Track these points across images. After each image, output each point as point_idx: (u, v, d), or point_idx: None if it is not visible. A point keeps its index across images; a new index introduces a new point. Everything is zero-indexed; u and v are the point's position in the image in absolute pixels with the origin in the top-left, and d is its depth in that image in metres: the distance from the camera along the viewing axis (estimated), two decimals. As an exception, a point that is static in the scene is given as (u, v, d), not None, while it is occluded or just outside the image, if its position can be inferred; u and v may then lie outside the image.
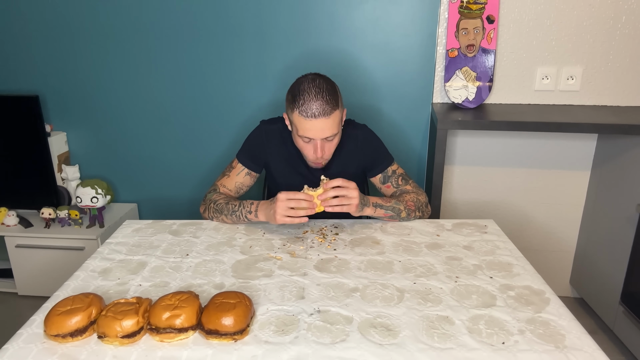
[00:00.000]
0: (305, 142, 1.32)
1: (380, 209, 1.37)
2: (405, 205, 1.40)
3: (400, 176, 1.50)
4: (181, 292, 0.94)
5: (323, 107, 1.24)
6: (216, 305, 0.90)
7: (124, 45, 2.13)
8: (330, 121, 1.26)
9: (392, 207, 1.38)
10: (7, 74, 2.23)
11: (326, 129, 1.27)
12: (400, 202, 1.40)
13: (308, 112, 1.24)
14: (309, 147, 1.33)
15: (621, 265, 1.85)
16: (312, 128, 1.26)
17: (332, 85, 1.30)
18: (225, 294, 0.94)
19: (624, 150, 1.87)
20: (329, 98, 1.25)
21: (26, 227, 2.18)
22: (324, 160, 1.37)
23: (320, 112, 1.24)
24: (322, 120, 1.25)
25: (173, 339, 0.87)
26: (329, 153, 1.35)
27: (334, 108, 1.26)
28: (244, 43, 2.08)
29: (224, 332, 0.87)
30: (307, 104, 1.24)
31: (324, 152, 1.32)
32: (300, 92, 1.26)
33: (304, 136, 1.29)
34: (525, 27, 1.94)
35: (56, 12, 2.10)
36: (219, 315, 0.87)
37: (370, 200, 1.36)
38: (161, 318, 0.87)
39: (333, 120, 1.27)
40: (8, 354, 0.85)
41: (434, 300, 1.01)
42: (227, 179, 1.49)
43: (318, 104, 1.24)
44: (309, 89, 1.25)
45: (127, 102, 2.22)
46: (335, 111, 1.26)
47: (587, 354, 0.84)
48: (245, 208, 1.35)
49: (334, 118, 1.27)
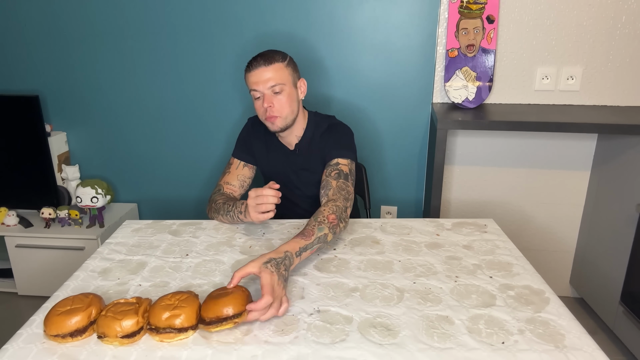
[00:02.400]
0: (256, 100, 1.39)
1: (305, 251, 1.11)
2: (329, 224, 1.18)
3: (338, 171, 1.36)
4: (181, 292, 0.94)
5: (264, 59, 1.35)
6: (213, 297, 0.92)
7: (124, 46, 2.13)
8: (271, 70, 1.35)
9: (317, 238, 1.14)
10: (7, 74, 2.23)
11: (269, 78, 1.35)
12: (322, 225, 1.17)
13: (251, 65, 1.36)
14: (259, 104, 1.39)
15: (621, 265, 1.85)
16: (255, 80, 1.36)
17: (282, 51, 1.41)
18: (222, 288, 0.96)
19: (624, 150, 1.87)
20: (272, 53, 1.37)
21: (26, 227, 2.18)
22: (273, 115, 1.39)
23: (260, 62, 1.35)
24: (262, 69, 1.34)
25: (173, 339, 0.87)
26: (278, 107, 1.38)
27: (275, 59, 1.36)
28: (243, 43, 2.08)
29: (223, 317, 0.88)
30: (251, 61, 1.37)
31: (272, 104, 1.37)
32: None
33: (252, 90, 1.38)
34: (525, 27, 1.94)
35: (56, 13, 2.10)
36: (217, 302, 0.89)
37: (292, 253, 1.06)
38: (161, 318, 0.87)
39: (275, 70, 1.35)
40: (8, 354, 0.85)
41: (433, 300, 1.01)
42: (228, 175, 1.54)
43: (259, 58, 1.36)
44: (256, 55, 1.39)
45: (127, 102, 2.22)
46: (275, 62, 1.36)
47: (587, 353, 0.84)
48: (237, 208, 1.36)
49: (276, 68, 1.35)
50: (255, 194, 1.23)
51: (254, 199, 1.23)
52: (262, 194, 1.22)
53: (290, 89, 1.40)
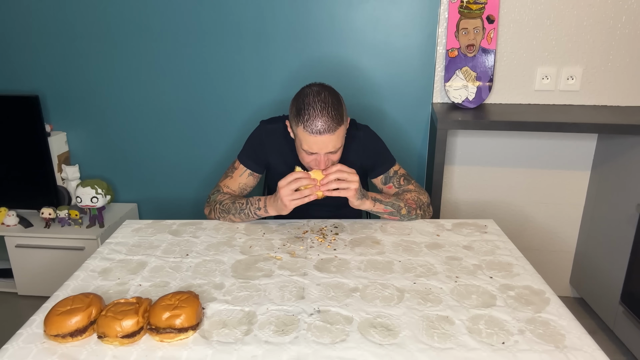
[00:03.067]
0: (308, 155, 1.30)
1: (380, 203, 1.37)
2: (406, 203, 1.40)
3: (402, 177, 1.50)
4: (181, 292, 0.94)
5: (328, 123, 1.21)
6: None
7: (124, 45, 2.13)
8: (335, 137, 1.24)
9: (392, 203, 1.38)
10: (7, 74, 2.23)
11: (330, 144, 1.25)
12: (400, 200, 1.40)
13: (313, 129, 1.21)
14: (311, 159, 1.31)
15: (621, 265, 1.85)
16: (316, 143, 1.24)
17: (337, 99, 1.27)
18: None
19: (624, 150, 1.87)
20: (334, 114, 1.22)
21: (26, 227, 2.18)
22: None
23: (326, 128, 1.21)
24: (327, 136, 1.23)
25: (173, 339, 0.87)
26: (329, 163, 1.32)
27: (339, 124, 1.23)
28: (244, 43, 2.08)
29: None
30: (312, 120, 1.21)
31: (328, 164, 1.30)
32: (305, 107, 1.22)
33: (308, 150, 1.27)
34: (525, 27, 1.94)
35: (56, 12, 2.10)
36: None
37: (370, 195, 1.36)
38: (161, 318, 0.87)
39: (338, 135, 1.25)
40: (8, 354, 0.85)
41: (434, 300, 1.01)
42: (230, 180, 1.48)
43: (323, 121, 1.21)
44: (314, 104, 1.22)
45: (128, 102, 2.22)
46: (340, 127, 1.24)
47: (587, 354, 0.84)
48: (253, 205, 1.36)
49: (338, 133, 1.25)
50: (286, 181, 1.23)
51: (287, 186, 1.23)
52: (297, 177, 1.23)
53: (343, 142, 1.32)
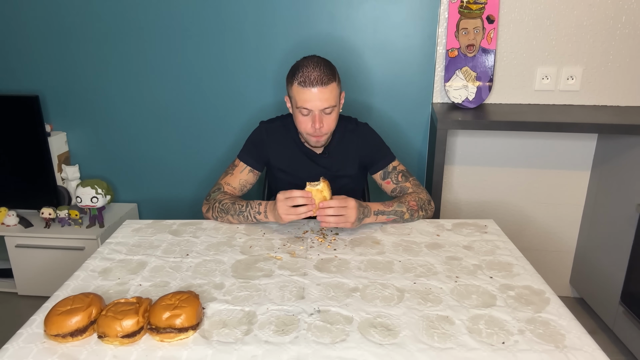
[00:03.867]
0: (304, 116, 1.34)
1: (382, 215, 1.37)
2: (408, 206, 1.40)
3: (401, 173, 1.51)
4: (181, 292, 0.94)
5: (321, 76, 1.28)
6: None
7: (124, 45, 2.13)
8: (328, 91, 1.30)
9: (394, 210, 1.38)
10: (7, 74, 2.23)
11: (324, 99, 1.30)
12: (402, 204, 1.40)
13: (306, 81, 1.28)
14: (307, 120, 1.34)
15: (621, 265, 1.85)
16: (310, 98, 1.30)
17: (330, 62, 1.35)
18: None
19: (624, 150, 1.87)
20: (326, 70, 1.30)
21: (26, 227, 2.18)
22: (322, 134, 1.38)
23: (318, 80, 1.28)
24: (319, 89, 1.28)
25: (173, 338, 0.87)
26: (327, 127, 1.36)
27: (330, 79, 1.30)
28: (243, 43, 2.08)
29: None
30: (306, 73, 1.29)
31: (322, 124, 1.34)
32: (299, 66, 1.32)
33: (302, 107, 1.32)
34: (525, 27, 1.94)
35: (56, 12, 2.10)
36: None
37: (372, 209, 1.35)
38: (161, 318, 0.87)
39: (330, 91, 1.30)
40: (8, 354, 0.85)
41: (434, 300, 1.01)
42: (230, 177, 1.50)
43: (316, 73, 1.28)
44: (308, 62, 1.31)
45: (128, 102, 2.22)
46: (332, 82, 1.31)
47: (587, 354, 0.84)
48: (253, 209, 1.36)
49: (331, 89, 1.30)
50: (284, 196, 1.24)
51: (284, 201, 1.24)
52: (293, 196, 1.23)
53: (338, 107, 1.38)
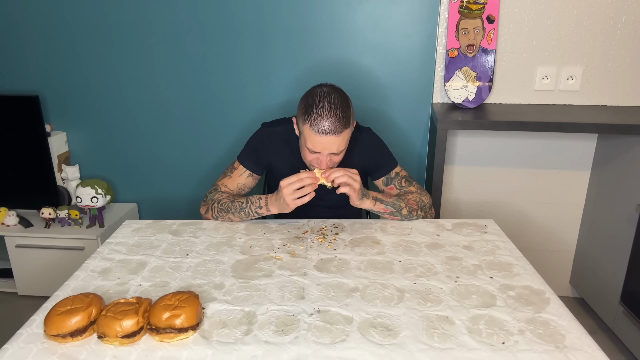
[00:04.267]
0: (311, 153, 1.31)
1: (381, 203, 1.38)
2: (407, 203, 1.41)
3: (404, 178, 1.51)
4: (181, 292, 0.94)
5: (335, 125, 1.22)
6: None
7: (124, 45, 2.13)
8: (340, 139, 1.26)
9: (393, 203, 1.39)
10: (7, 74, 2.23)
11: (334, 145, 1.26)
12: (401, 200, 1.41)
13: (320, 129, 1.23)
14: (313, 157, 1.32)
15: (621, 265, 1.85)
16: (321, 143, 1.25)
17: (346, 101, 1.28)
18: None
19: (624, 150, 1.87)
20: (342, 116, 1.24)
21: (26, 227, 2.18)
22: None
23: (332, 129, 1.23)
24: (332, 137, 1.24)
25: (173, 339, 0.87)
26: (332, 164, 1.34)
27: (345, 126, 1.25)
28: (244, 43, 2.08)
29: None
30: (320, 119, 1.22)
31: (330, 164, 1.32)
32: (314, 106, 1.24)
33: (312, 149, 1.28)
34: (525, 27, 1.94)
35: (57, 12, 2.10)
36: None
37: (370, 194, 1.37)
38: (161, 318, 0.87)
39: (343, 137, 1.26)
40: (8, 354, 0.85)
41: (434, 300, 1.01)
42: (228, 179, 1.48)
43: (331, 122, 1.22)
44: (323, 104, 1.23)
45: (128, 102, 2.22)
46: (346, 129, 1.26)
47: (587, 354, 0.84)
48: (254, 204, 1.36)
49: (344, 136, 1.26)
50: (289, 181, 1.24)
51: (289, 186, 1.24)
52: (301, 177, 1.23)
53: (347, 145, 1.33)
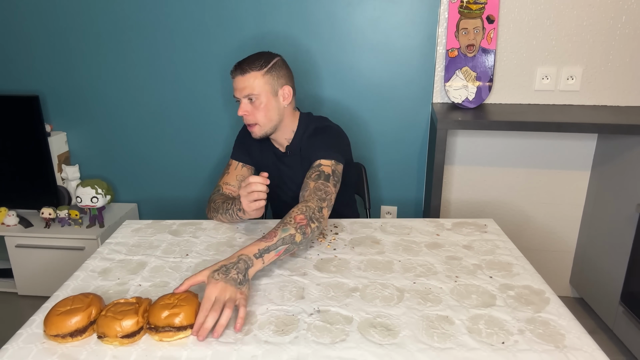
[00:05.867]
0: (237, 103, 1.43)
1: (268, 253, 1.05)
2: (295, 224, 1.12)
3: (319, 172, 1.31)
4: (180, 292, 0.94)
5: (241, 68, 1.36)
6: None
7: (124, 46, 2.13)
8: (246, 79, 1.36)
9: (281, 239, 1.08)
10: (7, 74, 2.23)
11: (243, 87, 1.36)
12: (287, 225, 1.11)
13: (231, 73, 1.40)
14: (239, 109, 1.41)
15: (621, 265, 1.85)
16: (234, 87, 1.39)
17: (268, 55, 1.40)
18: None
19: (624, 150, 1.87)
20: (253, 60, 1.37)
21: (26, 227, 2.18)
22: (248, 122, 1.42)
23: (237, 71, 1.37)
24: (238, 78, 1.37)
25: (172, 337, 0.87)
26: (252, 116, 1.40)
27: (250, 68, 1.36)
28: (243, 43, 2.08)
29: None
30: (234, 66, 1.39)
31: (247, 112, 1.39)
32: None
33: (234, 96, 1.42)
34: (525, 27, 1.94)
35: (56, 13, 2.11)
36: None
37: (250, 255, 1.03)
38: (160, 317, 0.87)
39: (249, 79, 1.36)
40: (8, 354, 0.85)
41: (433, 300, 1.01)
42: (227, 176, 1.55)
43: (238, 65, 1.38)
44: None
45: (128, 102, 2.22)
46: (251, 71, 1.36)
47: (587, 354, 0.84)
48: (235, 206, 1.36)
49: (250, 77, 1.36)
50: (244, 184, 1.25)
51: (244, 188, 1.24)
52: (250, 182, 1.23)
53: (268, 98, 1.39)
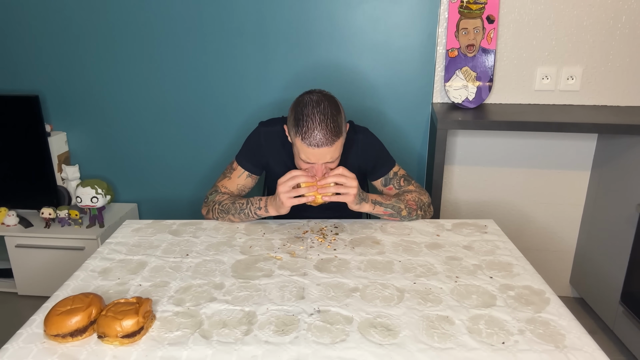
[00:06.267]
0: (305, 163, 1.28)
1: (380, 206, 1.36)
2: (406, 204, 1.40)
3: (402, 177, 1.50)
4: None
5: (327, 137, 1.20)
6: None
7: (124, 45, 2.13)
8: (334, 148, 1.23)
9: (392, 205, 1.38)
10: (7, 74, 2.23)
11: (328, 155, 1.24)
12: (400, 201, 1.40)
13: (311, 142, 1.20)
14: (308, 167, 1.29)
15: (621, 265, 1.85)
16: (314, 155, 1.23)
17: (337, 108, 1.24)
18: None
19: (624, 150, 1.87)
20: (333, 126, 1.20)
21: (26, 227, 2.18)
22: None
23: (324, 142, 1.20)
24: (325, 149, 1.22)
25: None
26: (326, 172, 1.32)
27: (337, 136, 1.22)
28: (243, 43, 2.08)
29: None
30: (311, 132, 1.19)
31: (325, 172, 1.29)
32: (303, 117, 1.21)
33: (305, 160, 1.26)
34: (525, 27, 1.94)
35: (56, 12, 2.10)
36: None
37: (370, 197, 1.36)
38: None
39: (336, 147, 1.24)
40: (8, 354, 0.85)
41: (434, 300, 1.01)
42: (228, 180, 1.48)
43: (322, 134, 1.19)
44: (313, 116, 1.20)
45: (128, 102, 2.22)
46: (338, 139, 1.23)
47: (587, 354, 0.84)
48: (253, 205, 1.36)
49: (337, 145, 1.23)
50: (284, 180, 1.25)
51: (286, 183, 1.24)
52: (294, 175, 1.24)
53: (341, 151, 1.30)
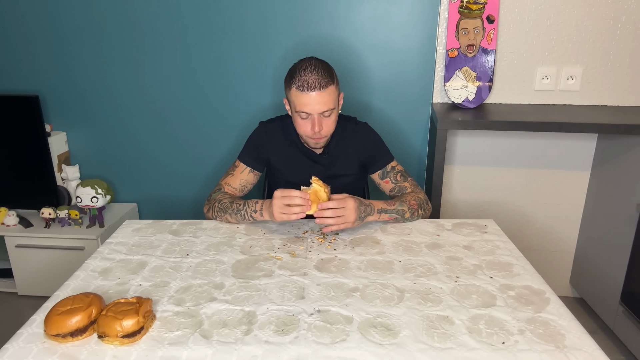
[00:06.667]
0: (303, 119, 1.35)
1: (385, 213, 1.38)
2: (409, 206, 1.41)
3: (399, 173, 1.53)
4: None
5: (319, 80, 1.29)
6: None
7: (124, 46, 2.13)
8: (326, 95, 1.31)
9: (397, 209, 1.39)
10: (7, 74, 2.23)
11: (322, 102, 1.31)
12: (403, 203, 1.41)
13: (304, 86, 1.30)
14: (306, 124, 1.36)
15: (621, 265, 1.85)
16: (309, 102, 1.31)
17: (327, 65, 1.36)
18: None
19: (624, 150, 1.87)
20: (324, 73, 1.31)
21: (26, 227, 2.18)
22: (322, 136, 1.39)
23: (316, 84, 1.29)
24: (318, 93, 1.30)
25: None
26: (326, 129, 1.38)
27: (329, 82, 1.31)
28: (244, 43, 2.08)
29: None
30: (304, 77, 1.30)
31: (322, 127, 1.35)
32: (296, 70, 1.33)
33: (301, 111, 1.33)
34: (525, 27, 1.94)
35: (56, 12, 2.10)
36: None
37: (375, 207, 1.36)
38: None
39: (329, 94, 1.31)
40: (8, 354, 0.85)
41: (434, 300, 1.01)
42: (231, 177, 1.51)
43: (314, 78, 1.29)
44: (305, 66, 1.32)
45: (128, 102, 2.22)
46: (330, 85, 1.32)
47: (587, 353, 0.84)
48: (250, 207, 1.37)
49: (329, 92, 1.31)
50: (281, 194, 1.24)
51: (280, 199, 1.24)
52: (292, 195, 1.23)
53: (337, 109, 1.39)
